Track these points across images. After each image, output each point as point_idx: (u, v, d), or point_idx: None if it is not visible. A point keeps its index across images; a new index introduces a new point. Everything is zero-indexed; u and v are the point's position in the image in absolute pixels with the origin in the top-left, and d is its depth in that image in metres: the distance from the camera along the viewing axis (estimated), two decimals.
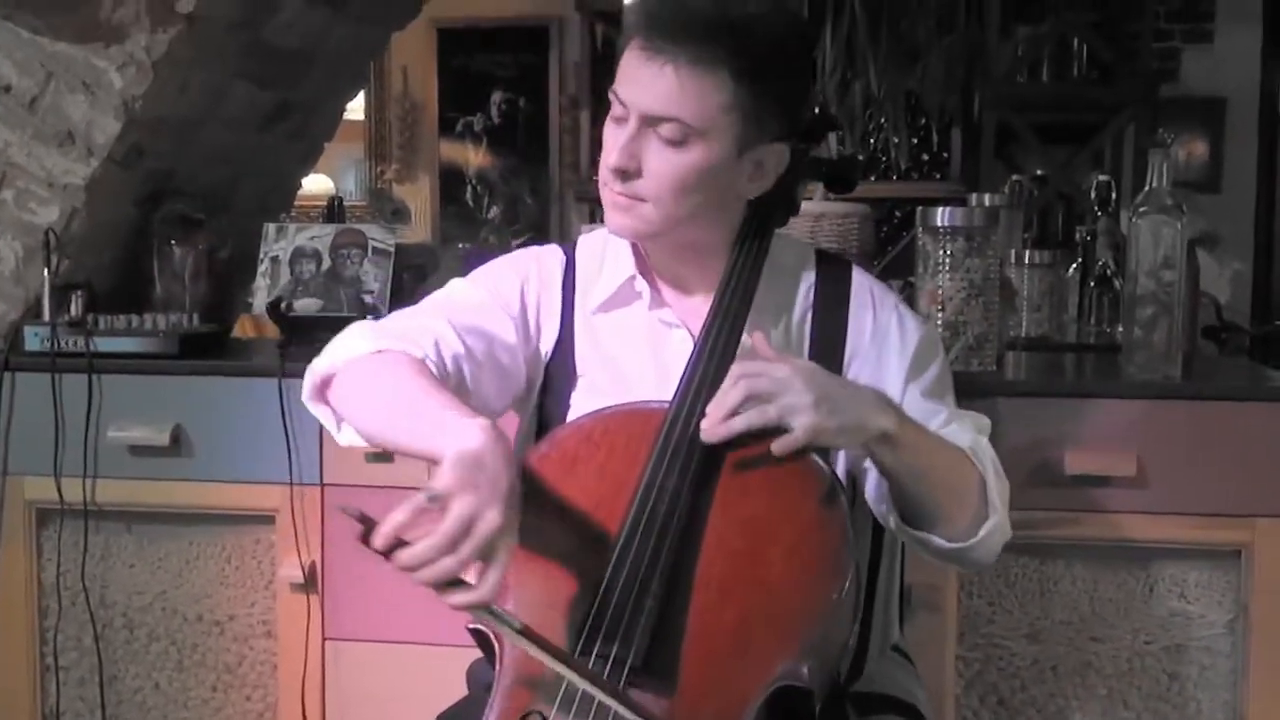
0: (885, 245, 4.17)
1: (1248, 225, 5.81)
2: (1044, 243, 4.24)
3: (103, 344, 2.56)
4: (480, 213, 6.33)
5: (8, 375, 2.58)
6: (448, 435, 1.39)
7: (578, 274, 1.76)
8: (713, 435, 1.49)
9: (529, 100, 6.27)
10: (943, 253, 2.38)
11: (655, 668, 1.42)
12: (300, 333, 2.60)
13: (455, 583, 1.32)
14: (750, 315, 1.63)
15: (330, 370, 1.62)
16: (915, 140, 5.50)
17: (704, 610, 1.45)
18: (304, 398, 1.66)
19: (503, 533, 1.32)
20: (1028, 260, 3.00)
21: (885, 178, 5.50)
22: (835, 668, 1.57)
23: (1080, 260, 3.35)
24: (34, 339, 2.58)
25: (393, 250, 2.88)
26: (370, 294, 2.83)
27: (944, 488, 1.58)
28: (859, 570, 1.55)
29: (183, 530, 2.58)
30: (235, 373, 2.55)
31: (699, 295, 1.70)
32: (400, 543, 1.31)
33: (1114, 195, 3.57)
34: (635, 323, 1.71)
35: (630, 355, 1.70)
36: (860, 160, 2.92)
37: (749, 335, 1.59)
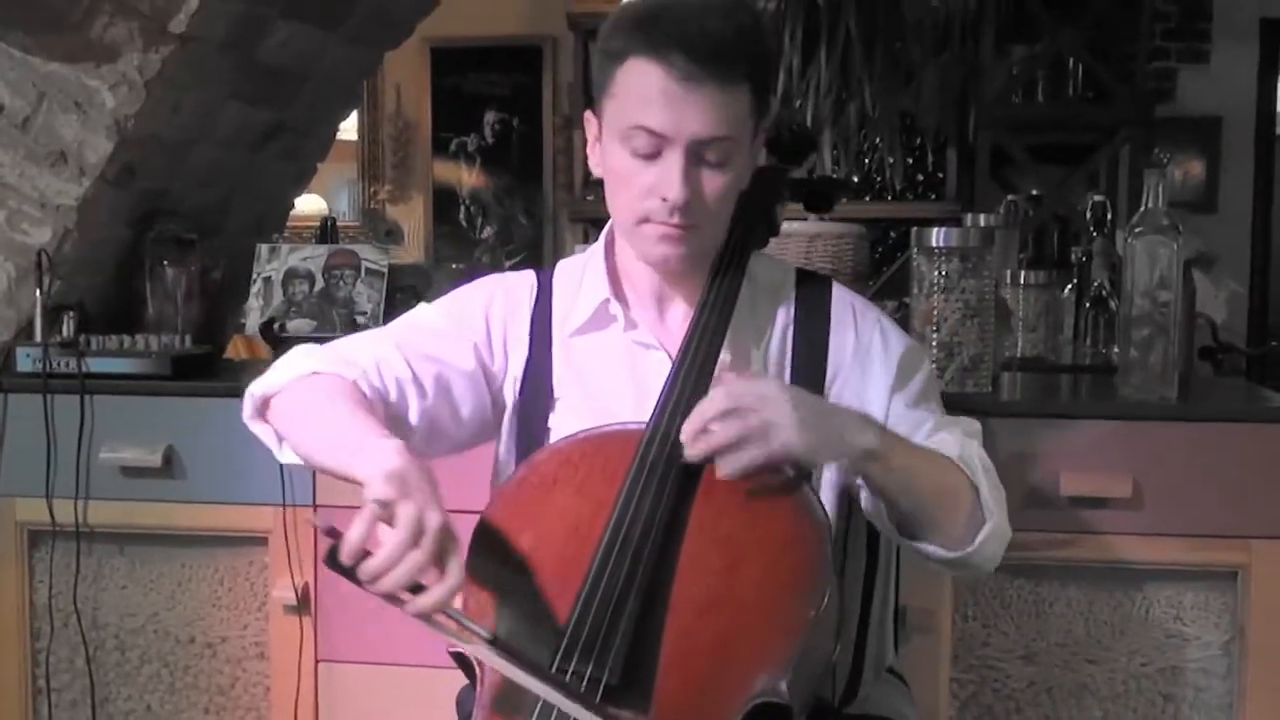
0: (880, 266, 4.18)
1: (1244, 246, 5.80)
2: (1039, 263, 4.23)
3: (95, 365, 2.56)
4: (474, 233, 6.32)
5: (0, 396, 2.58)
6: (364, 456, 1.44)
7: (554, 298, 1.76)
8: (693, 450, 1.48)
9: (522, 120, 6.26)
10: (938, 273, 2.38)
11: (632, 686, 1.42)
12: None
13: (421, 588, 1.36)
14: (729, 335, 1.63)
15: (266, 391, 1.67)
16: (910, 160, 5.50)
17: (681, 628, 1.45)
18: (244, 417, 1.70)
19: (449, 530, 1.37)
20: (1023, 281, 2.99)
21: (880, 198, 5.51)
22: (817, 684, 1.56)
23: (1076, 281, 3.35)
24: (26, 360, 2.58)
25: (386, 271, 2.89)
26: (363, 315, 2.83)
27: (935, 500, 1.57)
28: (840, 586, 1.54)
29: (175, 552, 2.58)
30: (228, 394, 2.51)
31: (679, 315, 1.70)
32: (366, 554, 1.36)
33: (1109, 215, 3.57)
34: (612, 345, 1.71)
35: (608, 378, 1.70)
36: (840, 179, 2.93)
37: (727, 354, 1.60)
